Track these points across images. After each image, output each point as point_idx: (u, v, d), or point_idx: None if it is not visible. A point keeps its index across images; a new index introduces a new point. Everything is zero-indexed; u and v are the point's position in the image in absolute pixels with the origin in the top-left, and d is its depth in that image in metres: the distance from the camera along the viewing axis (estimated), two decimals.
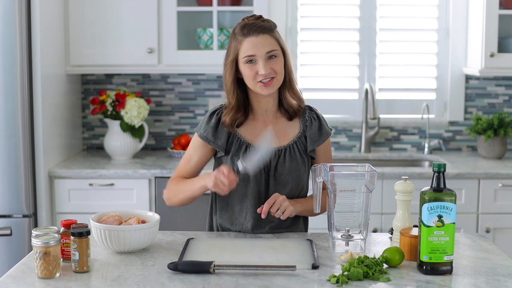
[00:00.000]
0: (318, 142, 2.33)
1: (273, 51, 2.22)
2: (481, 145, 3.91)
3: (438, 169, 1.91)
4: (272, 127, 2.28)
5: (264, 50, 2.21)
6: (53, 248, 1.87)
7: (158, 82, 4.07)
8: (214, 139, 2.31)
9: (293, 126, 2.35)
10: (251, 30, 2.22)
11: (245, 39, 2.22)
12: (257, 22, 2.24)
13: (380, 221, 3.53)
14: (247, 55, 2.21)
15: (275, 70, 2.22)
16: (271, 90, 2.25)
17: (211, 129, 2.31)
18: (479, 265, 2.01)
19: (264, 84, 2.22)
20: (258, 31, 2.22)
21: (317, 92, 4.09)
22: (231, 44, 2.27)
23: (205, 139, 2.32)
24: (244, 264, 1.92)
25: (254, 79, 2.22)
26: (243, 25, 2.24)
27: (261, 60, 2.21)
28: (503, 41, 3.81)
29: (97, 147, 4.12)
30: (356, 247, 2.10)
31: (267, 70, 2.20)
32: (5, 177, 3.28)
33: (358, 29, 4.05)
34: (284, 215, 2.22)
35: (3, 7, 3.19)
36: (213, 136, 2.31)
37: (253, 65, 2.22)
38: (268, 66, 2.21)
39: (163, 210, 3.46)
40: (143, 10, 3.67)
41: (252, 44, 2.21)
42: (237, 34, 2.25)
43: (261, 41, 2.21)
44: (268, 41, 2.22)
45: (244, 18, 2.28)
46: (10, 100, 3.25)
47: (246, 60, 2.22)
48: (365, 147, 4.05)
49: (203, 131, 2.32)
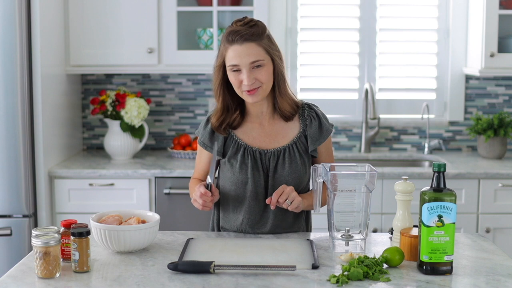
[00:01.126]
0: (319, 141, 2.32)
1: (258, 61, 2.17)
2: (481, 145, 3.91)
3: (438, 169, 1.91)
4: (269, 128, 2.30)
5: (248, 60, 2.16)
6: (53, 248, 1.87)
7: (158, 82, 4.07)
8: (211, 143, 2.32)
9: (292, 126, 2.34)
10: (235, 37, 2.16)
11: (230, 47, 2.18)
12: (243, 30, 2.17)
13: (380, 221, 3.53)
14: (231, 64, 2.18)
15: (260, 79, 2.18)
16: (256, 99, 2.22)
17: (207, 134, 2.32)
18: (479, 265, 2.01)
19: (249, 93, 2.20)
20: (243, 39, 2.16)
21: (317, 92, 4.09)
22: (220, 48, 2.24)
23: (202, 144, 2.35)
24: (244, 264, 1.92)
25: (239, 87, 2.21)
26: (230, 32, 2.19)
27: (245, 70, 2.17)
28: (503, 41, 3.81)
29: (97, 147, 4.12)
30: (356, 247, 2.10)
31: (250, 81, 2.17)
32: (5, 177, 3.28)
33: (358, 29, 4.05)
34: (292, 205, 2.20)
35: (3, 7, 3.19)
36: (209, 141, 2.32)
37: (237, 74, 2.19)
38: (252, 76, 2.17)
39: (163, 210, 3.47)
40: (143, 10, 3.67)
41: (236, 53, 2.17)
42: (225, 40, 2.20)
43: (245, 50, 2.16)
44: (253, 50, 2.17)
45: (234, 22, 2.22)
46: (10, 100, 3.25)
47: (230, 68, 2.20)
48: (365, 147, 4.05)
49: (201, 136, 2.35)
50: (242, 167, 2.26)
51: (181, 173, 3.47)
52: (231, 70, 2.19)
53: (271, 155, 2.28)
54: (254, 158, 2.27)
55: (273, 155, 2.28)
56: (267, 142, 2.30)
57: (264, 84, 2.20)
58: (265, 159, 2.28)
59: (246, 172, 2.26)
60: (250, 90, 2.19)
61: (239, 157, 2.27)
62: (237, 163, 2.27)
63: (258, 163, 2.27)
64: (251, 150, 2.28)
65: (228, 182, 2.30)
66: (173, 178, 3.48)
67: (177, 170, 3.48)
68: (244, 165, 2.26)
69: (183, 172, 3.47)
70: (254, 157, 2.27)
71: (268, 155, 2.28)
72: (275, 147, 2.30)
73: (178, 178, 3.48)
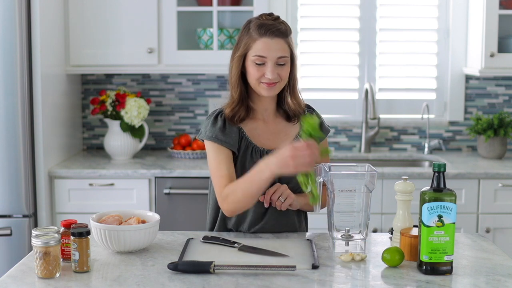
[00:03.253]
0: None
1: (284, 58, 2.20)
2: (481, 145, 3.91)
3: (438, 169, 1.91)
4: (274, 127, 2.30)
5: (276, 54, 2.19)
6: (53, 248, 1.87)
7: (158, 82, 4.07)
8: (225, 138, 2.24)
9: (293, 126, 2.35)
10: (268, 31, 2.18)
11: (260, 38, 2.19)
12: (275, 24, 2.20)
13: (380, 221, 3.53)
14: (258, 55, 2.19)
15: (281, 76, 2.21)
16: (272, 93, 2.24)
17: (219, 129, 2.25)
18: (479, 265, 2.01)
19: (268, 85, 2.21)
20: (275, 34, 2.19)
21: (317, 92, 4.09)
22: (243, 38, 2.23)
23: (215, 140, 2.23)
24: (244, 264, 1.92)
25: (258, 79, 2.22)
26: (261, 24, 2.20)
27: (270, 63, 2.19)
28: (503, 41, 3.81)
29: (97, 147, 4.12)
30: (356, 247, 2.10)
31: (273, 75, 2.19)
32: (5, 177, 3.28)
33: (358, 29, 4.05)
34: (285, 202, 2.20)
35: (3, 7, 3.19)
36: (222, 135, 2.24)
37: (261, 67, 2.20)
38: (275, 71, 2.19)
39: (163, 210, 3.47)
40: (143, 10, 3.67)
41: (266, 45, 2.19)
42: (252, 31, 2.21)
43: (275, 44, 2.19)
44: (282, 46, 2.20)
45: (262, 16, 2.24)
46: (10, 100, 3.25)
47: (255, 59, 2.20)
48: (365, 147, 4.05)
49: (212, 133, 2.25)
50: (251, 166, 2.22)
51: (181, 173, 3.47)
52: (255, 61, 2.20)
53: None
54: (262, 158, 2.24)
55: None
56: (271, 140, 2.31)
57: (282, 81, 2.24)
58: None
59: None
60: (269, 83, 2.21)
61: (248, 156, 2.27)
62: (247, 163, 2.26)
63: None
64: (258, 150, 2.27)
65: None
66: (173, 178, 3.48)
67: (177, 170, 3.48)
68: (253, 163, 2.24)
69: (183, 172, 3.47)
70: (262, 157, 2.24)
71: None
72: (280, 146, 2.29)
73: (178, 178, 3.48)
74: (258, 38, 2.19)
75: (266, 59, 2.19)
